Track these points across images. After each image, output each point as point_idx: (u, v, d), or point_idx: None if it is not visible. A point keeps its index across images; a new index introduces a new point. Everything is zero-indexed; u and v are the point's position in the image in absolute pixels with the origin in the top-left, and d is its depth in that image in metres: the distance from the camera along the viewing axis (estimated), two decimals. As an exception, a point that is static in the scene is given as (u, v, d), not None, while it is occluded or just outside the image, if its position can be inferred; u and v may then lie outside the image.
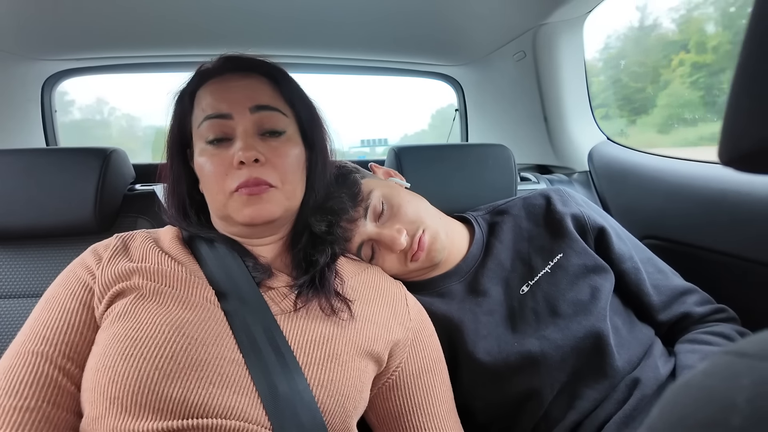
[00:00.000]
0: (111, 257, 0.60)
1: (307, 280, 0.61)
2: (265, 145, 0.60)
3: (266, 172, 0.59)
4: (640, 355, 0.71)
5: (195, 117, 0.63)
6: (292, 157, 0.62)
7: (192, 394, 0.48)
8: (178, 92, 0.66)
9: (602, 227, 0.81)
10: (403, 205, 0.76)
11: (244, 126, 0.60)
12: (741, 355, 0.19)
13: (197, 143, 0.62)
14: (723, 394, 0.17)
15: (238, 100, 0.60)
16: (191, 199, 0.67)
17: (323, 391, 0.54)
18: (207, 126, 0.60)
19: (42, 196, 0.92)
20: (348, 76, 1.70)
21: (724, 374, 0.18)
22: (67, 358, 0.52)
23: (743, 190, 0.85)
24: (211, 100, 0.61)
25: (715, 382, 0.18)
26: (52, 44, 1.22)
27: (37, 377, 0.50)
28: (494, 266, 0.79)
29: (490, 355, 0.70)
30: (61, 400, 0.51)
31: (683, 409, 0.18)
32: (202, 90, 0.63)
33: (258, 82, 0.63)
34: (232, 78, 0.63)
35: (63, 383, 0.51)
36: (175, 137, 0.65)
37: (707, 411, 0.17)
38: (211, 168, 0.59)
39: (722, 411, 0.16)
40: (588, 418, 0.67)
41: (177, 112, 0.65)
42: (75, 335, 0.54)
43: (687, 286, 0.80)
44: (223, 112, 0.60)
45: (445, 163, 1.05)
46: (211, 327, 0.54)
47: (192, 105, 0.63)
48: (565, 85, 1.31)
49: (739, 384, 0.17)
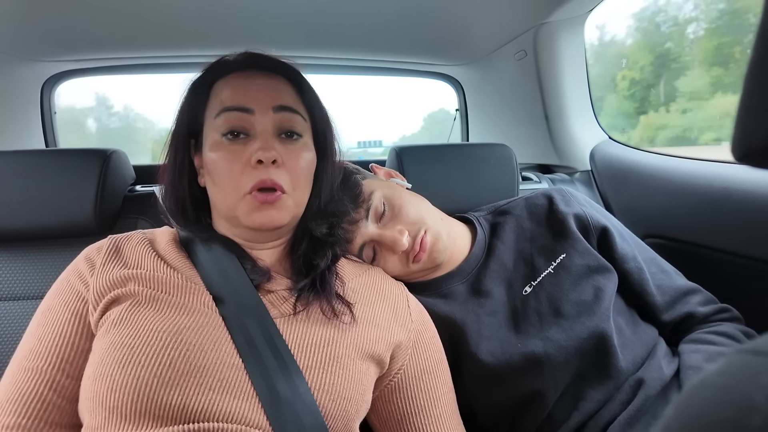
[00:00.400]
0: (105, 263, 0.59)
1: (308, 283, 0.61)
2: (282, 147, 0.60)
3: (281, 175, 0.58)
4: (644, 355, 0.71)
5: (210, 108, 0.61)
6: (306, 163, 0.62)
7: (191, 401, 0.48)
8: (193, 82, 0.64)
9: (605, 227, 0.80)
10: (405, 206, 0.76)
11: (264, 125, 0.59)
12: (757, 353, 0.18)
13: (210, 135, 0.60)
14: (741, 393, 0.17)
15: (260, 97, 0.60)
16: (191, 194, 0.65)
17: (325, 395, 0.53)
18: (224, 118, 0.59)
19: (42, 197, 0.91)
20: (341, 77, 1.70)
21: (740, 373, 0.18)
22: (60, 371, 0.53)
23: (747, 189, 0.85)
24: (231, 93, 0.60)
25: (732, 382, 0.18)
26: (51, 45, 1.22)
27: (27, 395, 0.51)
28: (497, 267, 0.79)
29: (493, 356, 0.70)
30: (49, 416, 0.51)
31: (700, 409, 0.18)
32: (222, 82, 0.62)
33: (281, 83, 0.63)
34: (255, 75, 0.62)
35: (54, 400, 0.52)
36: (184, 127, 0.63)
37: (725, 411, 0.17)
38: (226, 164, 0.58)
39: (741, 411, 0.16)
40: (592, 420, 0.66)
41: (190, 100, 0.63)
42: (68, 348, 0.54)
43: (690, 286, 0.80)
44: (245, 106, 0.59)
45: (446, 163, 1.05)
46: (209, 332, 0.53)
47: (209, 96, 0.62)
48: (566, 84, 1.30)
49: (758, 383, 0.16)
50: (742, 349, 0.19)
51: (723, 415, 0.17)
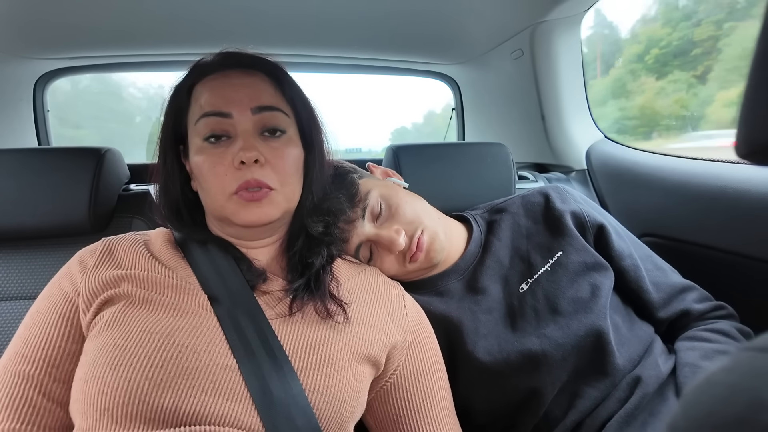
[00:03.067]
0: (97, 264, 0.58)
1: (303, 283, 0.60)
2: (265, 145, 0.59)
3: (266, 173, 0.58)
4: (640, 352, 0.71)
5: (192, 113, 0.61)
6: (292, 159, 0.61)
7: (184, 403, 0.47)
8: (174, 87, 0.64)
9: (601, 224, 0.80)
10: (402, 206, 0.75)
11: (244, 125, 0.58)
12: (763, 350, 0.18)
13: (193, 140, 0.60)
14: (749, 390, 0.17)
15: (239, 99, 0.59)
16: (184, 197, 0.65)
17: (319, 397, 0.53)
18: (204, 123, 0.58)
19: (35, 196, 0.90)
20: (332, 79, 1.69)
21: (747, 370, 0.18)
22: (47, 375, 0.52)
23: (742, 187, 0.85)
24: (209, 97, 0.59)
25: (739, 379, 0.18)
26: (43, 43, 1.21)
27: (15, 399, 0.51)
28: (493, 264, 0.79)
29: (490, 354, 0.70)
30: (39, 420, 0.51)
31: (707, 407, 0.18)
32: (201, 85, 0.61)
33: (260, 80, 0.62)
34: (233, 75, 0.61)
35: (43, 403, 0.51)
36: (169, 133, 0.63)
37: (734, 408, 0.17)
38: (210, 167, 0.58)
39: (750, 408, 0.16)
40: (589, 417, 0.66)
41: (173, 106, 0.63)
42: (55, 351, 0.53)
43: (686, 284, 0.80)
44: (222, 110, 0.58)
45: (443, 162, 1.05)
46: (203, 333, 0.53)
47: (189, 100, 0.62)
48: (562, 83, 1.30)
49: (765, 380, 0.16)
50: (747, 347, 0.19)
51: (731, 412, 0.17)
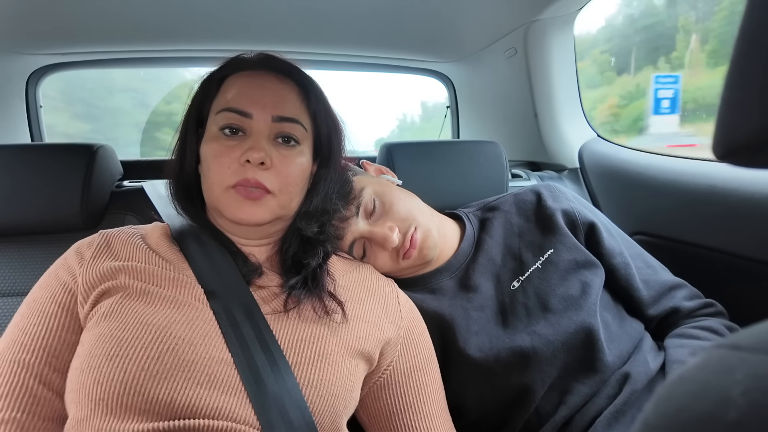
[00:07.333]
0: (95, 256, 0.58)
1: (299, 280, 0.61)
2: (275, 150, 0.59)
3: (268, 177, 0.58)
4: (630, 349, 0.72)
5: (216, 102, 0.62)
6: (299, 169, 0.61)
7: (179, 395, 0.48)
8: (207, 74, 0.65)
9: (592, 222, 0.81)
10: (395, 203, 0.76)
11: (261, 128, 0.59)
12: (735, 348, 0.19)
13: (210, 127, 0.61)
14: (718, 387, 0.17)
15: (263, 103, 0.59)
16: (197, 178, 0.65)
17: (313, 391, 0.53)
18: (224, 116, 0.59)
19: (27, 192, 0.90)
20: (328, 78, 1.68)
21: (718, 368, 0.18)
22: (47, 364, 0.52)
23: (731, 186, 0.86)
24: (237, 93, 0.60)
25: (710, 376, 0.18)
26: (36, 38, 1.20)
27: (15, 388, 0.50)
28: (485, 261, 0.79)
29: (481, 351, 0.70)
30: (39, 409, 0.51)
31: (678, 403, 0.18)
32: (233, 78, 0.62)
33: (289, 90, 0.63)
34: (266, 77, 0.62)
35: (42, 393, 0.51)
36: (193, 114, 0.64)
37: (702, 405, 0.17)
38: (216, 157, 0.58)
39: (718, 405, 0.16)
40: (579, 413, 0.67)
41: (202, 90, 0.64)
42: (55, 340, 0.53)
43: (676, 281, 0.81)
44: (245, 110, 0.59)
45: (436, 160, 1.05)
46: (199, 326, 0.53)
47: (218, 90, 0.63)
48: (555, 82, 1.31)
49: (734, 377, 0.17)
50: (720, 344, 0.20)
51: (700, 409, 0.17)
